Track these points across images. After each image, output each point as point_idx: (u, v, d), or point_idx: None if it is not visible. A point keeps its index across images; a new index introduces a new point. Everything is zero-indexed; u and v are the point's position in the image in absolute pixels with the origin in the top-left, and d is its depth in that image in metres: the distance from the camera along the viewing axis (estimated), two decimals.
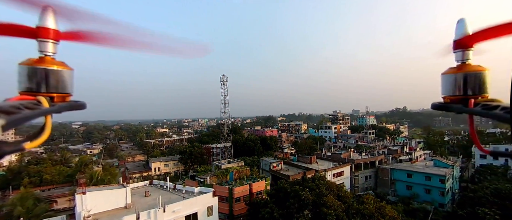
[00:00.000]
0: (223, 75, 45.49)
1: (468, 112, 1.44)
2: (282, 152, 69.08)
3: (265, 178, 38.55)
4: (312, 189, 24.49)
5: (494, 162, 55.89)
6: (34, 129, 1.27)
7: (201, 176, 38.15)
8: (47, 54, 1.42)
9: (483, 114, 1.29)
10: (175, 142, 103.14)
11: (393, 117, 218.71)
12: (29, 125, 1.38)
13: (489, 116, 1.25)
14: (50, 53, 1.43)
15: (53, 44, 1.43)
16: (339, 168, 48.44)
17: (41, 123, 1.24)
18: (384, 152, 57.64)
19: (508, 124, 1.07)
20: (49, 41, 1.41)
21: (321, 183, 25.68)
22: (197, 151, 64.54)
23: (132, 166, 72.54)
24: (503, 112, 1.19)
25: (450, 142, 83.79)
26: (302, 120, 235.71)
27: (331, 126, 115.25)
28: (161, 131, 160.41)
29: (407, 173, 47.94)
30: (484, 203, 37.25)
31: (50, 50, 1.43)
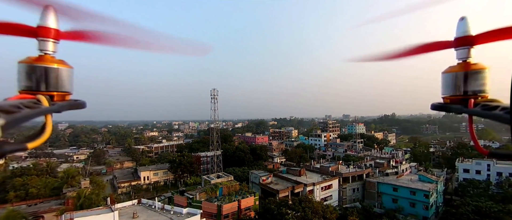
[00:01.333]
0: (214, 89, 45.65)
1: (468, 113, 1.47)
2: (272, 162, 69.51)
3: (254, 194, 38.83)
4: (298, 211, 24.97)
5: (476, 177, 57.89)
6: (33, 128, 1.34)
7: (190, 192, 38.10)
8: (47, 53, 1.46)
9: (483, 114, 1.32)
10: (164, 149, 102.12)
11: (382, 124, 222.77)
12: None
13: (489, 117, 1.27)
14: (50, 52, 1.47)
15: (53, 43, 1.48)
16: (327, 181, 49.20)
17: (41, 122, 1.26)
18: (371, 165, 58.87)
19: (508, 125, 1.05)
20: (49, 40, 1.46)
21: (307, 206, 26.20)
22: (187, 160, 64.20)
23: (121, 174, 71.42)
24: (503, 112, 1.19)
25: (436, 153, 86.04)
26: (293, 125, 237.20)
27: (321, 134, 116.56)
28: (151, 134, 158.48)
29: (393, 187, 49.16)
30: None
31: (50, 49, 1.47)
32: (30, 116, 1.10)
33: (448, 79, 1.65)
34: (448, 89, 1.65)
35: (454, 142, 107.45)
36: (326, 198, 49.35)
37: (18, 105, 1.09)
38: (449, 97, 1.66)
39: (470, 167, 59.89)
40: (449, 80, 1.65)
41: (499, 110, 1.22)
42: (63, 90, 1.47)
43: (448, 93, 1.66)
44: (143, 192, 62.61)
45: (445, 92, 1.68)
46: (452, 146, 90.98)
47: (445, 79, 1.67)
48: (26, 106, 1.12)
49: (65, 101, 1.49)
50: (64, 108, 1.43)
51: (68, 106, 1.47)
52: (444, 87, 1.68)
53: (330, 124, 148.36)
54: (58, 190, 47.95)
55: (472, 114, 1.44)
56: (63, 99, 1.49)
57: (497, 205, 40.75)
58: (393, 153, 79.13)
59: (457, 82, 1.59)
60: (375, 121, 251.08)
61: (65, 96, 1.50)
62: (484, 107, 1.34)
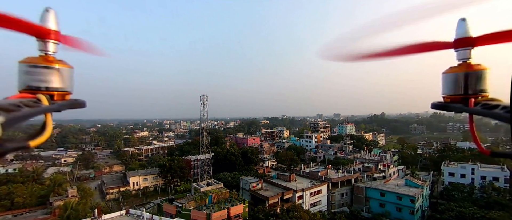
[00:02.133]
0: (204, 95, 45.39)
1: (469, 112, 1.48)
2: (263, 166, 69.81)
3: (243, 201, 39.02)
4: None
5: (461, 180, 59.48)
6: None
7: (179, 200, 37.99)
8: (48, 53, 1.49)
9: (483, 113, 1.34)
10: (154, 151, 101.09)
11: (371, 124, 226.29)
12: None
13: (489, 115, 1.28)
14: (51, 53, 1.49)
15: (53, 44, 1.50)
16: (316, 187, 49.83)
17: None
18: (360, 169, 59.89)
19: (508, 124, 1.06)
20: (51, 42, 1.48)
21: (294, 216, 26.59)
22: (177, 164, 63.83)
23: (109, 179, 70.37)
24: (503, 111, 1.20)
25: (423, 155, 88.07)
26: (285, 124, 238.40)
27: (311, 135, 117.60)
28: (141, 135, 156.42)
29: (380, 192, 50.18)
30: None
31: (51, 49, 1.49)
32: (30, 114, 1.10)
33: (448, 79, 1.68)
34: (449, 89, 1.68)
35: (440, 143, 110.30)
36: (316, 203, 50.05)
37: (18, 104, 1.09)
38: (449, 97, 1.68)
39: (455, 171, 61.53)
40: (449, 80, 1.67)
41: (500, 109, 1.23)
42: (63, 90, 1.50)
43: (448, 93, 1.69)
44: (132, 198, 62.03)
45: (446, 92, 1.71)
46: (438, 148, 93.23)
47: (446, 79, 1.69)
48: (26, 105, 1.13)
49: (65, 101, 1.53)
50: (64, 107, 1.46)
51: (68, 106, 1.50)
52: (445, 87, 1.71)
53: (321, 125, 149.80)
54: (44, 199, 46.98)
55: (472, 113, 1.46)
56: (63, 98, 1.52)
57: (480, 211, 42.10)
58: (382, 156, 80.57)
59: (458, 82, 1.62)
60: (365, 120, 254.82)
61: (65, 96, 1.54)
62: (484, 107, 1.36)
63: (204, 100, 45.53)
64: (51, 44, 1.48)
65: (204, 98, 45.58)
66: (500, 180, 56.74)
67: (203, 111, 45.99)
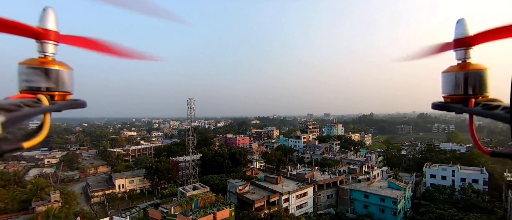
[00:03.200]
0: (191, 99, 45.23)
1: (469, 112, 1.47)
2: (251, 168, 70.14)
3: (230, 205, 39.22)
4: None
5: (442, 182, 61.39)
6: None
7: (165, 205, 37.84)
8: (47, 55, 1.49)
9: (484, 113, 1.32)
10: (142, 152, 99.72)
11: (360, 124, 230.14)
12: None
13: (490, 116, 1.27)
14: (50, 54, 1.50)
15: (53, 45, 1.50)
16: (302, 189, 50.50)
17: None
18: (345, 171, 61.03)
19: (509, 124, 1.05)
20: (50, 43, 1.48)
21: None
22: (164, 166, 63.28)
23: (95, 182, 69.11)
24: (503, 112, 1.19)
25: (407, 156, 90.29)
26: (275, 124, 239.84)
27: (300, 136, 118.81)
28: (129, 134, 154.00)
29: (364, 193, 51.34)
30: None
31: (51, 51, 1.49)
32: (30, 114, 1.10)
33: (448, 79, 1.67)
34: (449, 89, 1.67)
35: (425, 144, 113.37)
36: (302, 205, 50.76)
37: (19, 104, 1.09)
38: (449, 97, 1.68)
39: (436, 173, 63.44)
40: (449, 80, 1.66)
41: (500, 109, 1.23)
42: (63, 90, 1.52)
43: (448, 93, 1.68)
44: (118, 201, 61.13)
45: (446, 92, 1.70)
46: (422, 149, 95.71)
47: (446, 78, 1.69)
48: (27, 105, 1.13)
49: (65, 101, 1.55)
50: (64, 107, 1.48)
51: (69, 106, 1.52)
52: (445, 87, 1.70)
53: (310, 125, 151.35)
54: (26, 203, 45.86)
55: (472, 113, 1.46)
56: (64, 99, 1.54)
57: (459, 213, 43.62)
58: (367, 156, 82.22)
59: (458, 82, 1.61)
60: (354, 120, 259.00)
61: (66, 96, 1.55)
62: (484, 107, 1.36)
63: (191, 104, 45.32)
64: (50, 46, 1.49)
65: (191, 102, 45.37)
66: (479, 182, 58.53)
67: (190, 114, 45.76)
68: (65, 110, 1.48)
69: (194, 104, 45.36)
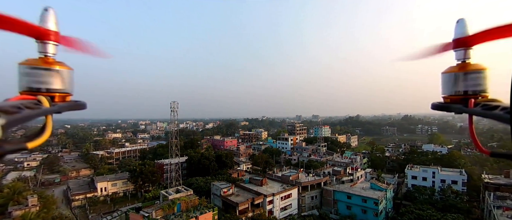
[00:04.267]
0: (174, 102, 44.65)
1: (468, 112, 1.47)
2: (237, 170, 69.98)
3: (213, 208, 39.00)
4: None
5: (423, 183, 63.10)
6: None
7: (146, 208, 37.25)
8: (48, 55, 1.48)
9: (483, 114, 1.32)
10: (126, 154, 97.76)
11: (347, 125, 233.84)
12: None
13: (489, 116, 1.27)
14: (51, 54, 1.49)
15: (53, 45, 1.49)
16: (287, 191, 50.83)
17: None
18: (330, 172, 61.88)
19: (508, 124, 1.05)
20: (50, 43, 1.47)
21: None
22: (148, 169, 62.39)
23: (76, 185, 67.19)
24: (503, 112, 1.19)
25: (390, 157, 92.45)
26: (264, 125, 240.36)
27: (287, 138, 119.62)
28: (113, 136, 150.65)
29: (347, 194, 52.22)
30: None
31: (51, 51, 1.48)
32: (31, 116, 1.10)
33: (448, 79, 1.67)
34: (448, 89, 1.67)
35: (407, 145, 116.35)
36: (286, 207, 51.08)
37: (19, 106, 1.09)
38: (449, 97, 1.68)
39: (417, 174, 65.23)
40: (449, 80, 1.67)
41: (499, 109, 1.24)
42: (63, 91, 1.51)
43: (448, 93, 1.68)
44: (100, 205, 59.70)
45: (445, 92, 1.70)
46: (405, 151, 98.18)
47: (445, 79, 1.69)
48: (27, 107, 1.13)
49: (65, 102, 1.53)
50: (64, 109, 1.47)
51: (69, 107, 1.51)
52: (444, 87, 1.70)
53: (297, 127, 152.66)
54: (3, 208, 44.31)
55: (472, 113, 1.46)
56: (64, 100, 1.52)
57: (437, 213, 44.97)
58: (352, 158, 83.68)
59: (457, 82, 1.62)
60: (340, 122, 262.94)
61: (66, 97, 1.54)
62: (484, 107, 1.36)
63: (174, 107, 44.78)
64: (50, 46, 1.48)
65: (174, 105, 44.80)
66: (458, 183, 60.41)
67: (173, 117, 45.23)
68: (65, 111, 1.48)
69: (177, 107, 44.86)
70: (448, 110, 1.66)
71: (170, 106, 44.76)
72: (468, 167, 71.48)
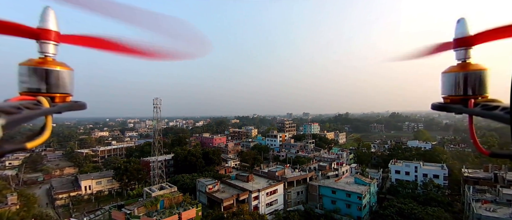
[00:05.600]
0: (157, 98, 44.06)
1: (468, 112, 1.47)
2: (225, 167, 69.97)
3: (197, 205, 38.96)
4: None
5: (406, 177, 64.69)
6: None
7: (129, 206, 36.86)
8: (48, 55, 1.47)
9: (483, 114, 1.32)
10: (112, 152, 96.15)
11: (336, 123, 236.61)
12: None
13: (489, 116, 1.27)
14: (51, 55, 1.48)
15: (53, 45, 1.48)
16: (272, 186, 51.23)
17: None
18: (315, 168, 62.63)
19: (508, 125, 1.04)
20: (50, 43, 1.46)
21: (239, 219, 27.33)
22: (134, 167, 61.59)
23: (59, 183, 65.76)
24: (503, 113, 1.18)
25: (376, 153, 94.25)
26: (255, 123, 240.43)
27: (276, 135, 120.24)
28: (100, 135, 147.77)
29: (332, 189, 53.01)
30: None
31: (51, 51, 1.47)
32: (30, 116, 1.10)
33: (448, 79, 1.67)
34: (448, 89, 1.67)
35: (394, 141, 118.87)
36: (272, 203, 51.48)
37: (19, 106, 1.09)
38: (449, 97, 1.68)
39: (400, 169, 66.79)
40: (449, 80, 1.66)
41: (499, 110, 1.23)
42: (63, 92, 1.50)
43: (448, 93, 1.68)
44: (84, 203, 58.72)
45: (445, 92, 1.70)
46: (390, 147, 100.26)
47: (445, 79, 1.69)
48: (27, 107, 1.13)
49: (65, 103, 1.52)
50: (64, 109, 1.46)
51: (68, 108, 1.50)
52: (444, 87, 1.70)
53: (286, 124, 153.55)
54: None
55: (472, 113, 1.46)
56: (64, 100, 1.51)
57: (418, 207, 46.19)
58: (339, 154, 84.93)
59: (457, 83, 1.61)
60: (330, 119, 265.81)
61: (66, 98, 1.53)
62: (484, 107, 1.36)
63: (157, 104, 44.18)
64: (51, 46, 1.47)
65: (156, 101, 44.18)
66: (440, 178, 62.29)
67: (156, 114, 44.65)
68: (65, 111, 1.48)
69: (160, 104, 44.31)
70: (448, 110, 1.67)
71: (153, 103, 44.13)
72: (449, 162, 73.63)
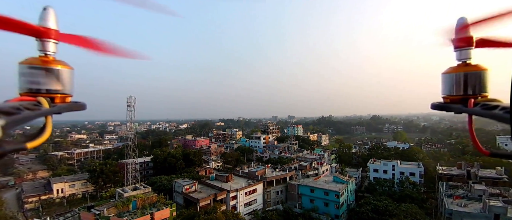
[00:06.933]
0: (131, 96, 42.57)
1: (468, 112, 1.47)
2: (206, 168, 69.07)
3: (171, 205, 38.05)
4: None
5: (384, 176, 66.27)
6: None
7: (98, 207, 35.45)
8: (48, 53, 1.45)
9: (483, 114, 1.32)
10: (89, 155, 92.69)
11: (319, 125, 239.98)
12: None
13: (489, 116, 1.26)
14: (51, 53, 1.46)
15: (53, 44, 1.46)
16: (251, 186, 50.96)
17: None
18: (296, 167, 62.97)
19: (508, 124, 1.04)
20: (51, 41, 1.44)
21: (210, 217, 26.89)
22: (110, 169, 59.61)
23: (30, 187, 62.57)
24: (502, 112, 1.18)
25: (357, 153, 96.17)
26: (240, 126, 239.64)
27: (260, 136, 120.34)
28: (77, 137, 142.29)
29: (311, 188, 53.37)
30: (365, 218, 44.18)
31: (51, 50, 1.46)
32: (30, 117, 1.11)
33: (448, 80, 1.66)
34: (448, 89, 1.66)
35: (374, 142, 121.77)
36: (251, 202, 51.17)
37: (18, 107, 1.09)
38: (449, 97, 1.67)
39: (378, 167, 68.37)
40: (449, 81, 1.65)
41: (499, 109, 1.22)
42: (63, 92, 1.46)
43: (448, 93, 1.67)
44: (56, 207, 56.12)
45: (445, 92, 1.69)
46: (369, 147, 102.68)
47: (446, 79, 1.68)
48: (26, 108, 1.13)
49: (65, 103, 1.48)
50: (64, 110, 1.43)
51: (68, 108, 1.47)
52: (444, 87, 1.69)
53: (270, 126, 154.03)
54: None
55: (471, 113, 1.45)
56: (64, 101, 1.47)
57: (392, 204, 47.34)
58: (321, 154, 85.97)
59: (457, 83, 1.60)
60: (314, 122, 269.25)
61: (66, 98, 1.49)
62: (483, 107, 1.35)
63: (131, 102, 42.73)
64: (51, 44, 1.44)
65: (130, 100, 42.73)
66: (416, 175, 64.27)
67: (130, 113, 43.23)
68: (65, 112, 1.45)
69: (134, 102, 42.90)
70: (448, 110, 1.65)
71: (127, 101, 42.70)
72: (426, 160, 76.13)
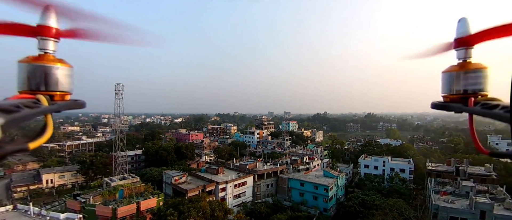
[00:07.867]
0: (119, 84, 41.77)
1: (468, 111, 1.46)
2: (198, 161, 69.09)
3: (158, 194, 38.07)
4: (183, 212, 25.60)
5: (374, 171, 66.83)
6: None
7: (84, 195, 35.37)
8: (47, 52, 1.44)
9: (483, 113, 1.31)
10: (81, 147, 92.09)
11: (314, 122, 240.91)
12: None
13: (489, 115, 1.26)
14: (50, 51, 1.45)
15: (53, 42, 1.45)
16: (241, 179, 51.14)
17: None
18: (288, 162, 63.26)
19: (508, 123, 1.04)
20: (50, 39, 1.43)
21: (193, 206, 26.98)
22: (100, 160, 59.39)
23: (20, 178, 62.24)
24: (503, 111, 1.18)
25: (349, 150, 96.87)
26: (235, 121, 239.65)
27: (254, 131, 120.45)
28: (70, 129, 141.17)
29: (300, 182, 53.73)
30: (352, 211, 44.73)
31: (51, 48, 1.45)
32: (30, 115, 1.10)
33: (448, 78, 1.66)
34: (448, 88, 1.66)
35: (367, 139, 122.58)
36: (240, 195, 51.39)
37: (18, 105, 1.08)
38: (449, 96, 1.67)
39: (369, 163, 68.91)
40: (449, 79, 1.65)
41: (499, 108, 1.22)
42: (63, 90, 1.45)
43: (448, 92, 1.67)
44: (45, 196, 55.92)
45: (445, 91, 1.69)
46: (362, 144, 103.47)
47: (445, 78, 1.68)
48: (26, 106, 1.12)
49: (65, 101, 1.47)
50: (63, 108, 1.42)
51: (68, 106, 1.46)
52: (444, 86, 1.69)
53: (265, 121, 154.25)
54: None
55: (472, 112, 1.44)
56: (63, 99, 1.47)
57: (380, 198, 47.90)
58: (314, 150, 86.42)
59: (458, 81, 1.60)
60: (309, 118, 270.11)
61: (65, 96, 1.48)
62: (484, 106, 1.35)
63: (119, 90, 42.05)
64: (51, 43, 1.43)
65: (119, 87, 42.01)
66: (406, 171, 64.77)
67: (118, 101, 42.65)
68: (64, 110, 1.44)
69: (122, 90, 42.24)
70: (448, 109, 1.64)
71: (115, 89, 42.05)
72: (417, 157, 76.88)
